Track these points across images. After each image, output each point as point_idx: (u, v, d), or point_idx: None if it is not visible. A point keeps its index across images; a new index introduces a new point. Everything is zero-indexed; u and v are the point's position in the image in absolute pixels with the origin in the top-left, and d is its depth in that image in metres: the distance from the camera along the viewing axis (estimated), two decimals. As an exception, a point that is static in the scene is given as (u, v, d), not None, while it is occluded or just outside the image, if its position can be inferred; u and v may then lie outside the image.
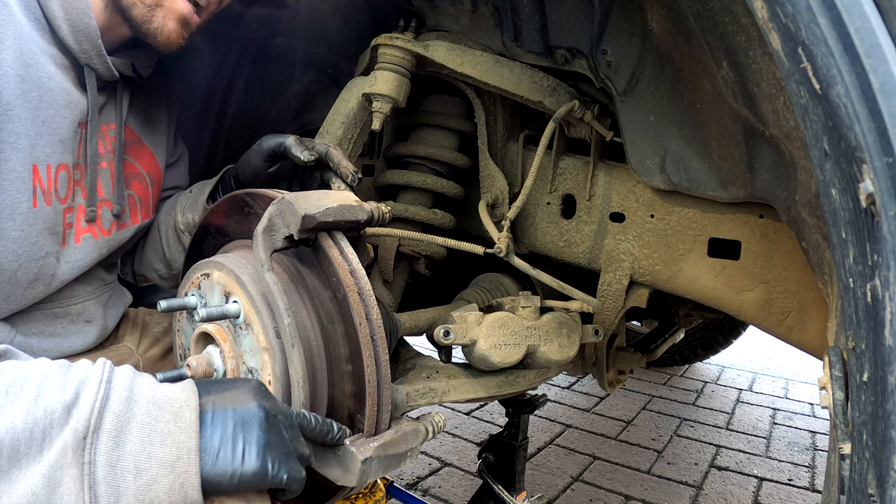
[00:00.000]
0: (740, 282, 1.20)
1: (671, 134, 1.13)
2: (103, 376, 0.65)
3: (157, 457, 0.63)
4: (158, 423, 0.64)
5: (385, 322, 0.90)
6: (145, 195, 1.15)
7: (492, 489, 1.54)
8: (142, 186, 1.14)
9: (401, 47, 1.23)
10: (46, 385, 0.63)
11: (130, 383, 0.67)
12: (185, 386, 0.71)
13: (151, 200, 1.17)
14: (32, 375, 0.64)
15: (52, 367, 0.66)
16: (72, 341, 1.05)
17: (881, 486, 0.48)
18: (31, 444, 0.59)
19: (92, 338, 1.10)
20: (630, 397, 3.19)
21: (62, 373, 0.65)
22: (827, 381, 0.61)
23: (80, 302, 1.07)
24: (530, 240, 1.43)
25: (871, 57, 0.48)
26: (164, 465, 0.63)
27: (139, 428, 0.63)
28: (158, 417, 0.65)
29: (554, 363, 1.20)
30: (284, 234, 0.86)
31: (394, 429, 0.87)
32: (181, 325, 0.99)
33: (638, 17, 1.10)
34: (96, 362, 0.68)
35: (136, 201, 1.13)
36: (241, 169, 1.12)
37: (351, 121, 1.27)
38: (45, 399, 0.62)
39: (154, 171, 1.17)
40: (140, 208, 1.14)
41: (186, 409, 0.67)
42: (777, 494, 2.28)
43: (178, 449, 0.64)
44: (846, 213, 0.54)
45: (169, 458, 0.63)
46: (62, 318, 1.04)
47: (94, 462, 0.60)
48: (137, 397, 0.65)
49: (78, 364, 0.67)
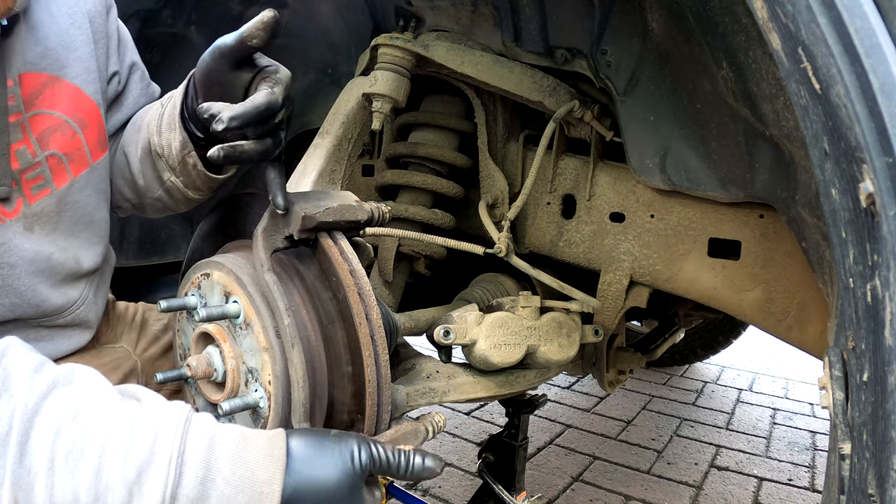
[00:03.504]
0: (740, 282, 1.20)
1: (671, 134, 1.13)
2: (174, 450, 0.60)
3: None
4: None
5: (385, 322, 0.90)
6: (73, 145, 0.95)
7: (492, 489, 1.54)
8: (66, 137, 0.94)
9: (401, 47, 1.23)
10: (108, 454, 0.59)
11: (208, 453, 0.61)
12: (272, 453, 0.65)
13: (87, 147, 0.97)
14: (94, 437, 0.59)
15: (117, 422, 0.61)
16: (58, 345, 0.99)
17: (881, 486, 0.48)
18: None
19: (81, 339, 1.04)
20: (630, 397, 3.19)
21: (126, 434, 0.60)
22: (827, 381, 0.61)
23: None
24: (530, 240, 1.43)
25: (871, 57, 0.48)
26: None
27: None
28: (236, 501, 0.61)
29: (554, 363, 1.20)
30: (284, 234, 0.86)
31: (394, 429, 0.87)
32: (181, 325, 0.99)
33: (638, 17, 1.10)
34: (169, 414, 0.63)
35: (62, 159, 0.94)
36: (201, 79, 0.89)
37: (351, 121, 1.27)
38: (107, 474, 0.58)
39: (82, 111, 0.97)
40: (70, 163, 0.95)
41: (269, 496, 0.62)
42: (777, 494, 2.27)
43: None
44: (846, 213, 0.54)
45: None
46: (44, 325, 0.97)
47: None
48: (215, 476, 0.61)
49: (145, 419, 0.62)
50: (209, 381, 0.89)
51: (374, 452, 0.70)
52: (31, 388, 0.61)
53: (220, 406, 0.81)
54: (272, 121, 0.81)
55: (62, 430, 0.60)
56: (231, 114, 0.76)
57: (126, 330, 1.19)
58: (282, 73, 0.85)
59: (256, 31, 0.78)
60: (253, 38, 0.78)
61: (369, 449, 0.70)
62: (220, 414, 0.81)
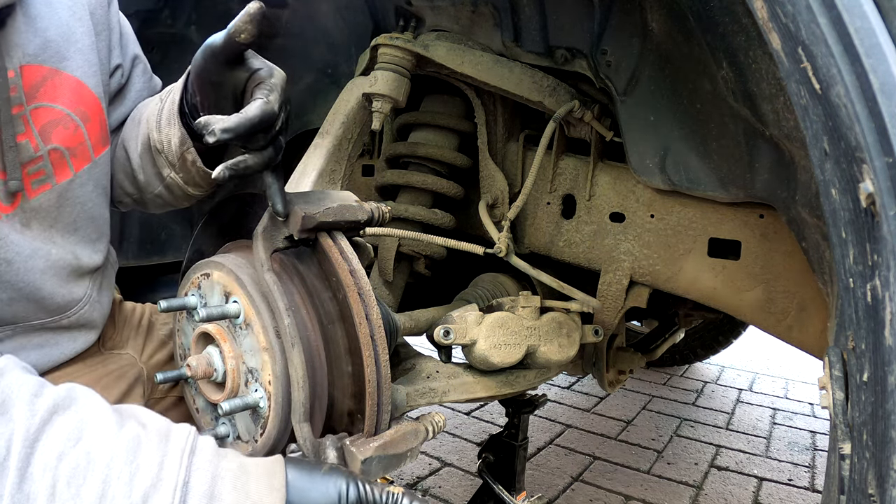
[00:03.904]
0: (740, 282, 1.20)
1: (671, 134, 1.13)
2: (178, 480, 0.61)
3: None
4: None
5: (385, 322, 0.90)
6: (76, 139, 0.94)
7: (492, 489, 1.54)
8: (68, 131, 0.92)
9: (401, 47, 1.23)
10: (112, 480, 0.59)
11: (211, 484, 0.62)
12: (271, 484, 0.66)
13: (89, 141, 0.96)
14: (96, 463, 0.59)
15: (119, 448, 0.61)
16: (62, 349, 0.98)
17: (881, 486, 0.48)
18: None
19: (87, 341, 1.03)
20: (630, 397, 3.19)
21: (129, 461, 0.60)
22: (827, 381, 0.61)
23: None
24: (530, 240, 1.43)
25: (871, 57, 0.48)
26: None
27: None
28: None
29: (554, 363, 1.20)
30: (284, 234, 0.86)
31: (394, 429, 0.87)
32: (181, 325, 0.99)
33: (638, 17, 1.10)
34: (173, 441, 0.64)
35: (63, 153, 0.92)
36: (195, 79, 0.87)
37: (351, 121, 1.27)
38: (111, 500, 0.58)
39: (84, 104, 0.95)
40: (71, 158, 0.93)
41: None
42: (777, 494, 2.27)
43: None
44: (846, 213, 0.54)
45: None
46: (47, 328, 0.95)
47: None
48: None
49: (148, 445, 0.63)
50: (209, 381, 0.89)
51: (363, 491, 0.71)
52: (32, 412, 0.61)
53: (220, 406, 0.81)
54: (271, 131, 0.80)
55: (64, 456, 0.60)
56: (223, 126, 0.75)
57: (132, 335, 1.17)
58: (276, 76, 0.83)
59: (244, 24, 0.75)
60: (241, 34, 0.76)
61: (357, 488, 0.71)
62: (220, 414, 0.82)
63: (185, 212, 1.88)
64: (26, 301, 0.91)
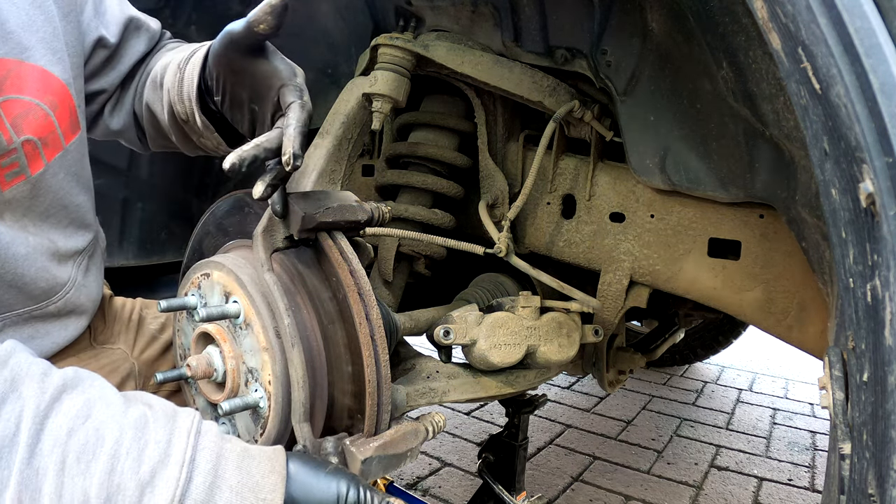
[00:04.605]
0: (740, 282, 1.20)
1: (671, 134, 1.13)
2: (185, 457, 0.62)
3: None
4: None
5: (385, 322, 0.90)
6: (46, 128, 0.92)
7: (492, 489, 1.54)
8: (38, 120, 0.91)
9: (401, 47, 1.23)
10: (120, 456, 0.60)
11: (216, 463, 0.64)
12: (273, 467, 0.68)
13: (59, 129, 0.94)
14: (105, 439, 0.61)
15: (127, 426, 0.63)
16: (54, 337, 0.98)
17: (881, 486, 0.48)
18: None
19: (77, 327, 1.02)
20: (630, 397, 3.19)
21: (137, 437, 0.62)
22: (827, 381, 0.61)
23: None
24: (530, 240, 1.43)
25: (871, 57, 0.48)
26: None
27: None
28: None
29: (554, 363, 1.20)
30: (284, 234, 0.87)
31: (394, 429, 0.87)
32: (181, 325, 0.99)
33: (638, 17, 1.10)
34: (179, 422, 0.66)
35: (36, 143, 0.91)
36: (215, 65, 0.91)
37: (351, 121, 1.27)
38: (119, 474, 0.59)
39: (52, 93, 0.93)
40: (44, 147, 0.92)
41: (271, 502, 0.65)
42: (777, 494, 2.27)
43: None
44: (846, 213, 0.54)
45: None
46: (36, 318, 0.95)
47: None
48: (221, 483, 0.63)
49: (156, 425, 0.64)
50: (209, 381, 0.89)
51: (362, 497, 0.72)
52: (42, 390, 0.62)
53: (220, 406, 0.81)
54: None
55: (74, 433, 0.61)
56: (293, 154, 0.77)
57: (123, 329, 1.17)
58: (300, 75, 0.87)
59: (264, 15, 0.78)
60: (260, 24, 0.78)
61: (358, 492, 0.71)
62: (220, 414, 0.81)
63: (186, 212, 1.88)
64: (10, 288, 0.90)
